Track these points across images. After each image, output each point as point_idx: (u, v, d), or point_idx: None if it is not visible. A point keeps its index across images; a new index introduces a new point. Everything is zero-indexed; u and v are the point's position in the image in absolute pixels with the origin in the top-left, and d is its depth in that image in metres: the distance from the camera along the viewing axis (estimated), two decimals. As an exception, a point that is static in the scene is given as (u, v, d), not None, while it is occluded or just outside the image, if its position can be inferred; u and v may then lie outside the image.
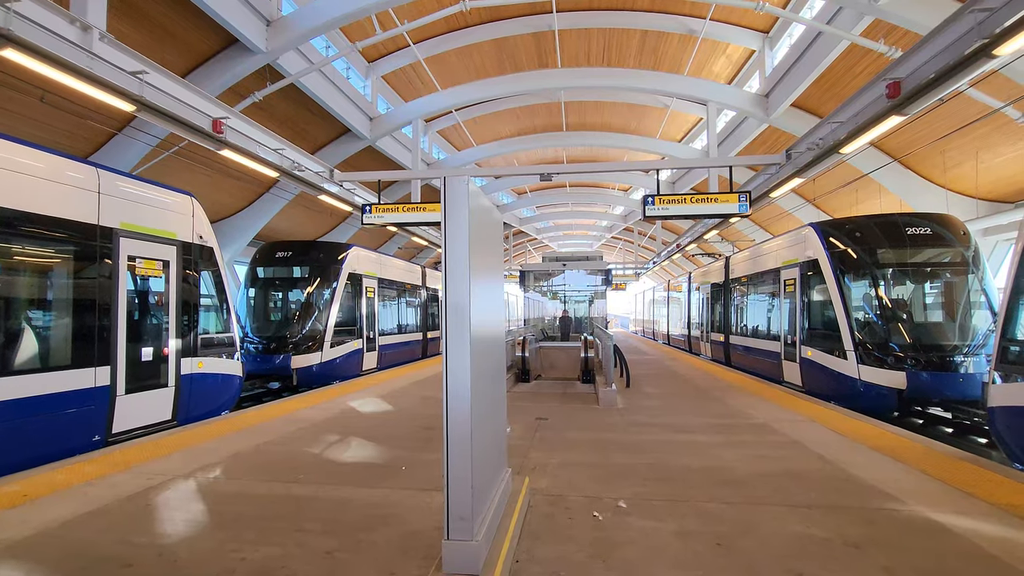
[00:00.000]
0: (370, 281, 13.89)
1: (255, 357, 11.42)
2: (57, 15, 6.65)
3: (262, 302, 12.88)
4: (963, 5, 6.38)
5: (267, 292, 12.95)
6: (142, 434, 6.32)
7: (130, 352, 6.32)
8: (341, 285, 12.47)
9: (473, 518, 2.76)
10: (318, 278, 12.42)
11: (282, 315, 12.72)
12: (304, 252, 12.99)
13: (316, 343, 11.73)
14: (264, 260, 12.83)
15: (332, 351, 11.98)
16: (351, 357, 12.80)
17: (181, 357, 7.08)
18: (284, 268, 12.83)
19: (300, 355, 11.48)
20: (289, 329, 11.95)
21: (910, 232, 9.28)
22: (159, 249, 6.92)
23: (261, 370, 11.40)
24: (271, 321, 12.55)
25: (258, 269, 12.76)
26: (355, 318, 13.12)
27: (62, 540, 3.41)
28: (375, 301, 14.18)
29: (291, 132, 15.00)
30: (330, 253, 12.95)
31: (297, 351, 11.52)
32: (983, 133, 11.55)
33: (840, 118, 8.95)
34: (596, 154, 25.05)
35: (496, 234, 4.02)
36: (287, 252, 12.93)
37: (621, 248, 43.29)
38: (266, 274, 12.77)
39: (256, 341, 11.77)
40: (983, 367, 7.96)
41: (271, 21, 11.32)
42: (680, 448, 5.69)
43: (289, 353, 11.40)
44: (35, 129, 10.44)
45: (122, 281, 6.28)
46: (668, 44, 15.24)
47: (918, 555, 3.15)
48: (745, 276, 14.50)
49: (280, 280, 12.91)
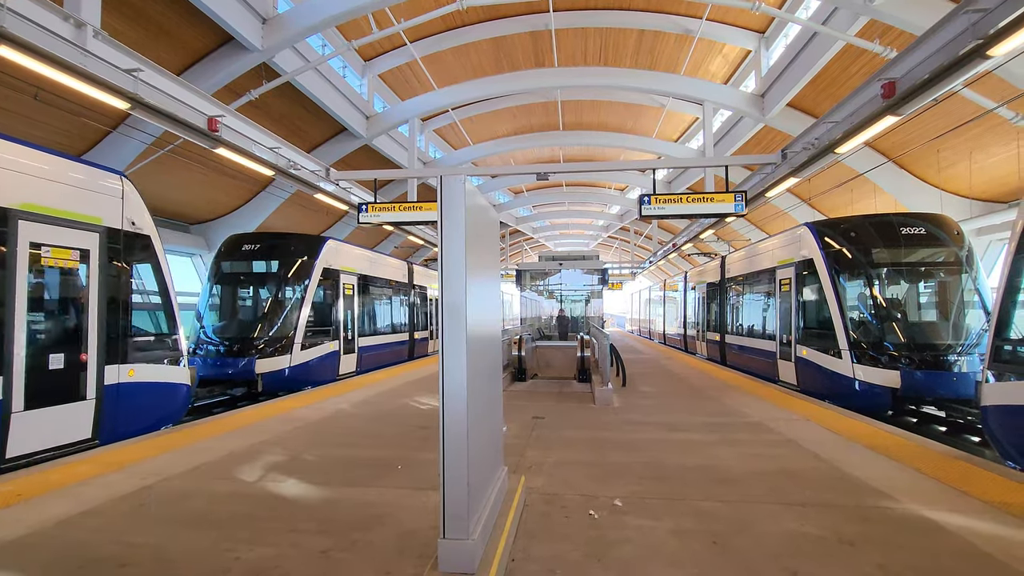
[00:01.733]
0: (349, 277, 12.93)
1: (214, 361, 10.34)
2: (51, 12, 6.60)
3: (226, 300, 11.74)
4: (957, 6, 6.41)
5: (232, 289, 11.84)
6: (51, 457, 5.36)
7: (32, 359, 5.31)
8: (314, 281, 11.44)
9: (469, 517, 2.76)
10: (289, 273, 11.37)
11: (247, 314, 11.61)
12: (273, 245, 11.89)
13: (284, 345, 10.67)
14: (229, 253, 11.67)
15: (303, 354, 10.92)
16: (326, 360, 11.75)
17: (105, 364, 6.05)
18: (251, 262, 11.69)
19: (266, 358, 10.40)
20: (254, 329, 10.89)
21: (904, 232, 9.33)
22: (76, 236, 5.88)
23: (221, 375, 10.29)
24: (235, 321, 11.45)
25: (222, 263, 11.60)
26: (331, 317, 12.13)
27: (57, 540, 3.39)
28: (354, 299, 13.21)
29: (287, 130, 14.95)
30: (302, 246, 11.89)
31: (263, 354, 10.44)
32: (977, 133, 11.62)
33: (835, 118, 8.98)
34: (592, 153, 25.07)
35: (492, 233, 4.02)
36: (254, 245, 11.74)
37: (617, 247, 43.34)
38: (231, 269, 11.64)
39: (216, 343, 10.71)
40: (976, 366, 8.00)
41: (267, 19, 11.28)
42: (676, 447, 5.70)
43: (253, 356, 10.30)
44: (29, 127, 10.38)
45: (20, 274, 5.28)
46: (665, 44, 15.27)
47: (912, 553, 3.17)
48: (741, 275, 14.54)
49: (246, 275, 11.77)
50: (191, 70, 11.53)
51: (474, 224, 3.05)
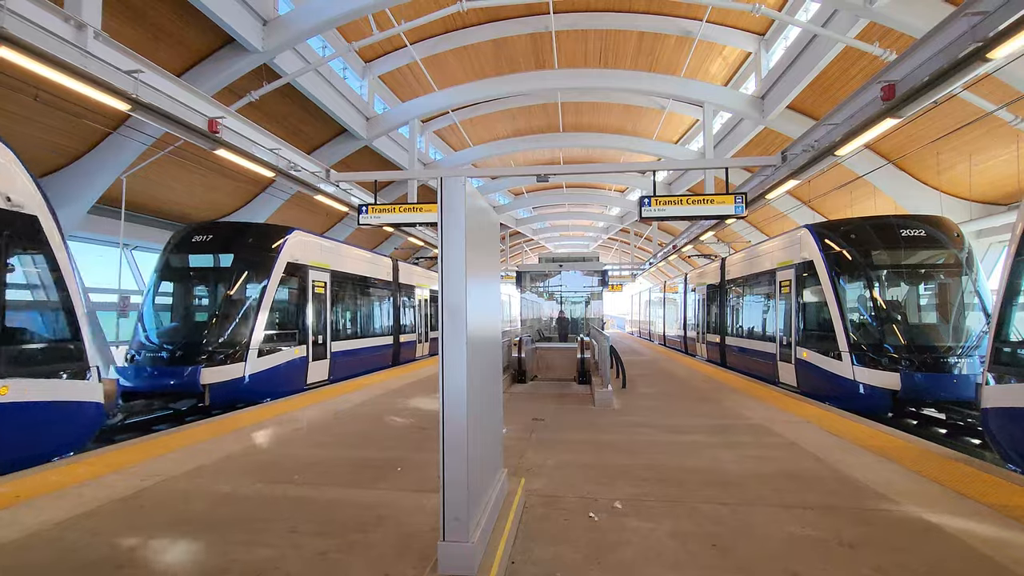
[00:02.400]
0: (320, 274, 11.65)
1: (152, 370, 8.89)
2: (51, 13, 6.61)
3: (172, 299, 10.39)
4: (957, 8, 6.42)
5: (179, 286, 10.44)
6: None
7: None
8: (276, 278, 10.14)
9: (469, 519, 2.75)
10: (245, 269, 10.05)
11: (196, 316, 10.25)
12: (229, 236, 10.48)
13: (238, 351, 9.30)
14: (178, 246, 10.28)
15: (261, 361, 9.57)
16: (291, 368, 10.43)
17: None
18: (203, 256, 10.27)
19: (214, 367, 8.98)
20: (202, 333, 9.51)
21: (904, 234, 9.34)
22: None
23: (159, 387, 8.84)
24: (181, 323, 10.11)
25: (170, 257, 10.20)
26: (297, 319, 10.81)
27: (55, 541, 3.38)
28: (326, 298, 11.88)
29: (287, 132, 14.97)
30: (262, 238, 10.62)
31: (211, 361, 9.03)
32: (976, 136, 11.63)
33: (835, 120, 8.99)
34: (593, 155, 25.10)
35: (493, 235, 4.02)
36: (206, 236, 10.31)
37: (617, 249, 43.37)
38: (179, 263, 10.21)
39: (155, 349, 9.26)
40: (976, 368, 8.00)
41: (267, 20, 11.30)
42: (676, 449, 5.70)
43: (198, 365, 8.86)
44: (29, 128, 10.39)
45: None
46: (665, 46, 15.29)
47: (913, 555, 3.16)
48: (741, 277, 14.54)
49: (196, 271, 10.31)
50: (191, 71, 11.54)
51: (474, 225, 3.05)
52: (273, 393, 9.68)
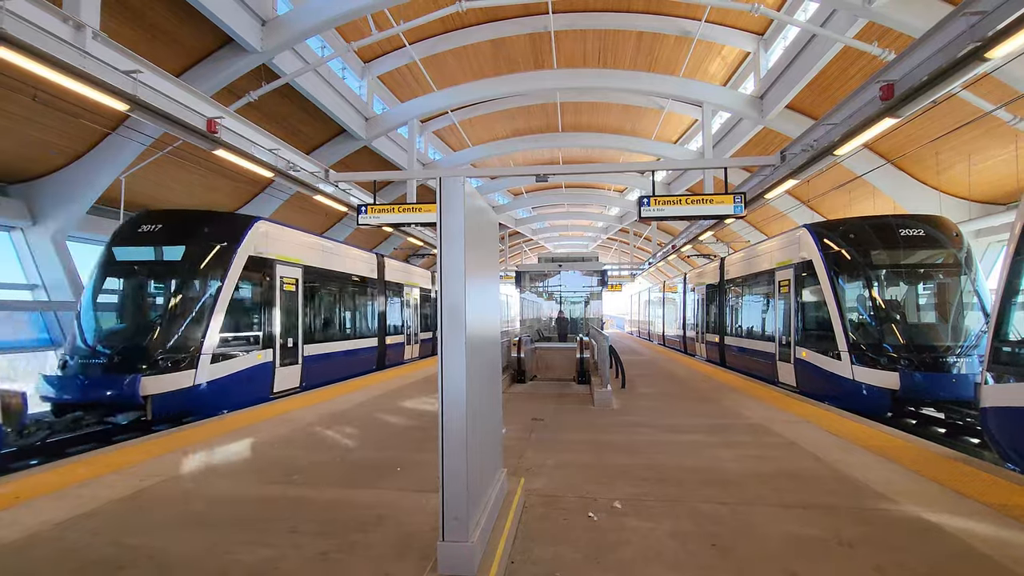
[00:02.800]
0: (289, 269, 10.52)
1: (83, 379, 7.71)
2: (50, 13, 6.60)
3: (114, 298, 9.19)
4: (956, 8, 6.43)
5: (122, 283, 9.21)
6: None
7: None
8: (235, 273, 8.98)
9: (468, 519, 2.76)
10: (200, 263, 8.86)
11: (138, 316, 8.95)
12: (182, 226, 9.25)
13: (187, 357, 8.13)
14: (123, 237, 9.14)
15: (216, 367, 8.44)
16: (253, 375, 9.25)
17: None
18: (150, 248, 9.08)
19: (158, 375, 7.80)
20: (145, 337, 8.24)
21: (903, 233, 9.34)
22: None
23: (92, 399, 7.69)
24: (121, 325, 8.87)
25: (114, 250, 9.01)
26: (261, 319, 9.70)
27: (55, 542, 3.38)
28: (298, 296, 10.74)
29: (286, 132, 14.96)
30: (221, 228, 9.42)
31: (154, 369, 7.81)
32: (975, 136, 11.64)
33: (834, 120, 9.00)
34: (592, 155, 25.10)
35: (492, 235, 4.02)
36: (155, 226, 9.09)
37: (617, 249, 43.37)
38: (124, 256, 9.03)
39: (88, 355, 8.01)
40: (975, 368, 8.01)
41: (266, 21, 11.29)
42: (675, 449, 5.70)
43: (137, 373, 7.61)
44: (28, 128, 10.37)
45: None
46: (664, 46, 15.29)
47: (912, 555, 3.17)
48: (740, 277, 14.55)
49: (143, 266, 9.13)
50: (190, 72, 11.53)
51: (473, 225, 3.05)
52: (232, 403, 8.54)
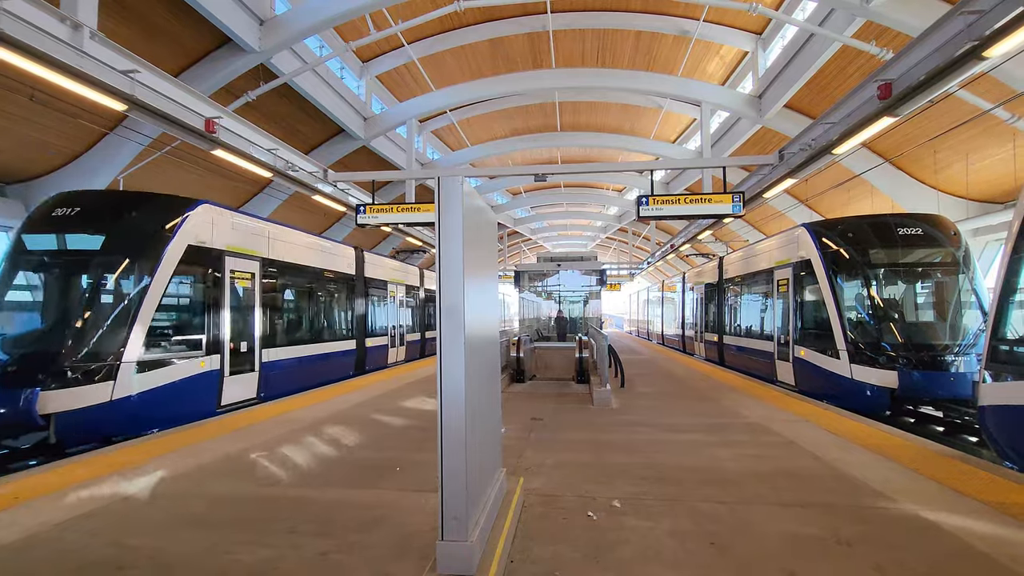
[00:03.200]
0: (243, 262, 9.09)
1: None
2: (47, 13, 6.59)
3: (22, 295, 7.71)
4: (953, 7, 6.44)
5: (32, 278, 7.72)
6: None
7: None
8: (170, 266, 7.57)
9: (467, 518, 2.76)
10: (123, 254, 7.43)
11: (46, 318, 7.43)
12: (104, 210, 7.86)
13: (103, 366, 6.74)
14: (35, 224, 7.66)
15: (143, 378, 7.08)
16: (192, 386, 7.83)
17: None
18: (64, 236, 7.54)
19: (63, 388, 6.44)
20: (50, 342, 6.88)
21: (902, 232, 9.36)
22: None
23: None
24: (25, 328, 7.43)
25: (23, 238, 7.55)
26: (204, 321, 8.22)
27: (54, 543, 3.38)
28: (254, 294, 9.35)
29: (285, 132, 14.94)
30: (152, 213, 7.93)
31: (57, 380, 6.45)
32: (973, 134, 11.67)
33: (832, 119, 9.01)
34: (590, 155, 25.11)
35: (490, 234, 4.02)
36: (71, 209, 7.57)
37: (615, 248, 43.40)
38: (35, 246, 7.54)
39: None
40: (974, 366, 8.03)
41: (264, 20, 11.28)
42: (674, 448, 5.71)
43: (36, 386, 6.23)
44: (25, 128, 10.35)
45: None
46: (662, 45, 15.30)
47: (910, 553, 3.17)
48: (738, 276, 14.57)
49: (54, 257, 7.60)
50: (188, 71, 11.52)
51: (472, 225, 3.05)
52: (164, 421, 7.21)
